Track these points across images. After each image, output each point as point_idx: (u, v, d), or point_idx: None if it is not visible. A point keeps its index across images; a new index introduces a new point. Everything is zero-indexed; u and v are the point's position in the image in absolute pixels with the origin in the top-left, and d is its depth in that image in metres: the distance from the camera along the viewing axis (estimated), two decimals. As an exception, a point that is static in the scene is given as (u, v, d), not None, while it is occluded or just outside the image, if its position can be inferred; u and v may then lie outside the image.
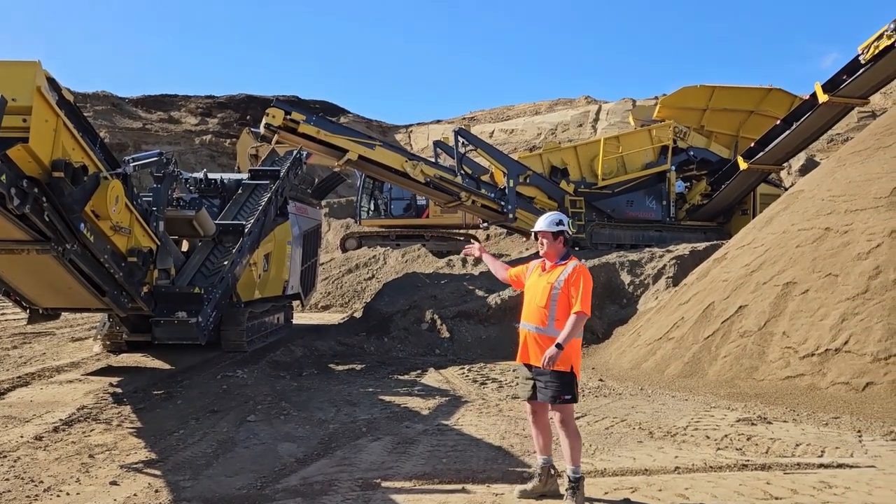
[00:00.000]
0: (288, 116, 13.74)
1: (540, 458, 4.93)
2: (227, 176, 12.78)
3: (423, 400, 8.23)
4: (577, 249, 15.80)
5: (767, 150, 16.12)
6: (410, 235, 23.35)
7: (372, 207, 23.99)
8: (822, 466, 5.53)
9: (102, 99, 40.13)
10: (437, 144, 18.49)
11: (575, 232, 13.95)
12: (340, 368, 10.50)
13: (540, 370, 4.76)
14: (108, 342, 10.95)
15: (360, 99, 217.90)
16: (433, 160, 16.71)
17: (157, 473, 5.50)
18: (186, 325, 8.70)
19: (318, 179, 17.84)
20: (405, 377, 9.84)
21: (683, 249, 14.48)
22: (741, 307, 9.41)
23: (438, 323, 12.65)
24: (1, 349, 11.39)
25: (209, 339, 9.53)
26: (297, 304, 14.91)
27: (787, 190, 15.75)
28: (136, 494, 5.03)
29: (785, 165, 20.04)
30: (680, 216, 18.41)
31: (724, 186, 17.64)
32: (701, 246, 14.64)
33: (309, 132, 13.90)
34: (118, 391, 8.47)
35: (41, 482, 5.24)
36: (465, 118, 45.90)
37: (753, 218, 14.53)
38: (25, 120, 5.71)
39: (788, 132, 15.64)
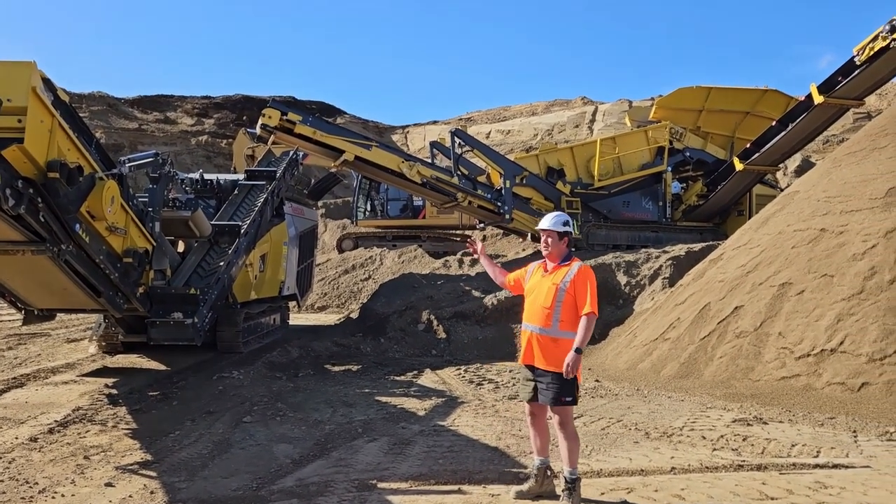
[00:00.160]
0: (284, 117, 13.72)
1: (537, 458, 4.93)
2: (223, 176, 12.76)
3: (419, 401, 8.22)
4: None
5: (763, 151, 16.15)
6: (407, 236, 23.34)
7: (368, 208, 23.96)
8: (817, 467, 5.54)
9: (98, 99, 40.06)
10: (433, 145, 18.48)
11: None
12: (337, 369, 10.49)
13: (542, 372, 4.74)
14: (103, 343, 10.92)
15: (356, 99, 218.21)
16: (430, 161, 16.69)
17: (152, 475, 5.49)
18: (182, 325, 8.68)
19: (314, 180, 17.84)
20: (401, 378, 9.83)
21: (679, 250, 14.50)
22: (737, 308, 9.42)
23: (435, 324, 12.65)
24: (-4, 350, 11.35)
25: (205, 340, 9.51)
26: (293, 304, 14.89)
27: (782, 191, 15.76)
28: (131, 496, 5.02)
29: (781, 166, 20.02)
30: (676, 217, 18.43)
31: (720, 187, 17.67)
32: (697, 247, 14.66)
33: (305, 133, 13.89)
34: (114, 392, 8.45)
35: (36, 483, 5.22)
36: (461, 119, 45.91)
37: (749, 219, 14.55)
38: (20, 120, 5.69)
39: (784, 133, 15.67)
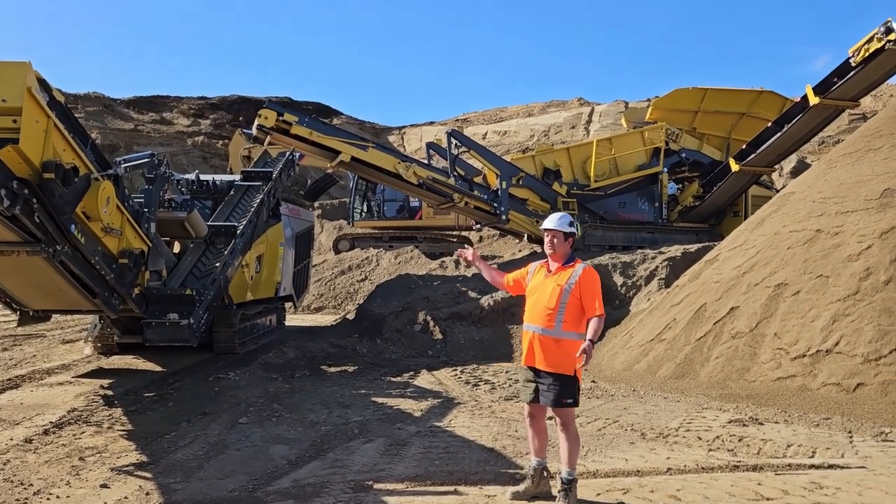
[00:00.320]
0: (280, 118, 13.71)
1: (534, 459, 4.93)
2: (219, 177, 12.73)
3: (415, 402, 8.22)
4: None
5: (759, 152, 16.20)
6: (403, 237, 23.35)
7: (365, 209, 23.99)
8: (813, 467, 5.55)
9: (94, 100, 39.98)
10: (429, 146, 18.50)
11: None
12: (333, 370, 10.48)
13: (543, 373, 4.73)
14: (99, 344, 10.89)
15: (352, 100, 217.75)
16: (426, 162, 16.71)
17: (147, 476, 5.47)
18: (178, 326, 8.65)
19: (310, 181, 17.81)
20: (398, 379, 9.83)
21: (675, 251, 14.52)
22: (733, 308, 9.43)
23: (431, 324, 12.65)
24: (-9, 351, 11.32)
25: (201, 341, 9.49)
26: (289, 305, 14.87)
27: (778, 192, 15.81)
28: (126, 497, 5.01)
29: (776, 167, 20.09)
30: (672, 218, 18.48)
31: (715, 188, 17.71)
32: (693, 247, 14.68)
33: (301, 133, 13.88)
34: (109, 393, 8.43)
35: (31, 485, 5.20)
36: (458, 120, 45.93)
37: (745, 219, 14.59)
38: (16, 121, 5.67)
39: (780, 134, 15.73)
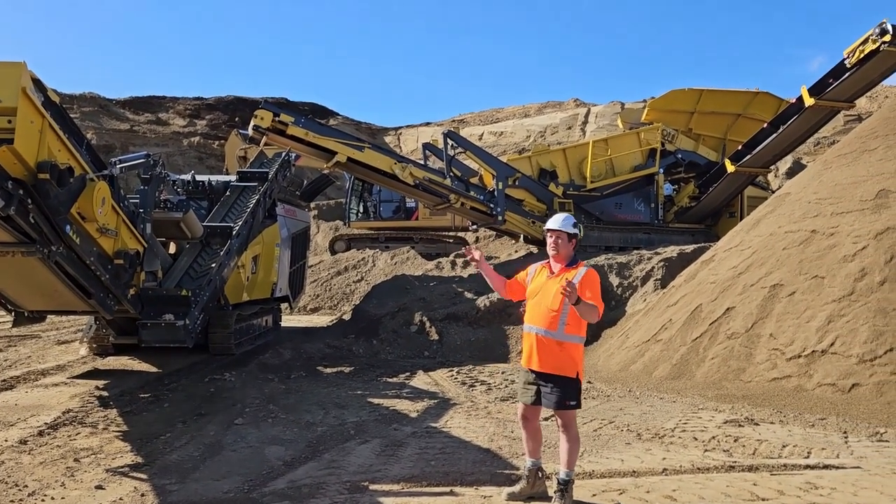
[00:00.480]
0: (276, 118, 13.70)
1: (529, 460, 4.93)
2: (215, 178, 12.72)
3: (411, 402, 8.22)
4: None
5: (755, 152, 16.23)
6: (399, 238, 23.34)
7: (361, 210, 23.96)
8: (808, 467, 5.56)
9: (89, 100, 39.88)
10: (426, 147, 18.49)
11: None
12: (329, 371, 10.47)
13: (545, 375, 4.70)
14: (94, 345, 10.87)
15: (349, 101, 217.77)
16: (422, 162, 16.70)
17: (143, 477, 5.46)
18: (173, 327, 8.64)
19: (306, 181, 17.79)
20: (394, 379, 9.83)
21: (671, 252, 14.54)
22: (728, 309, 9.45)
23: (427, 325, 12.65)
24: (-15, 352, 11.28)
25: (196, 341, 9.47)
26: (285, 306, 14.85)
27: (773, 192, 15.85)
28: (121, 499, 4.99)
29: (772, 168, 20.16)
30: (668, 218, 18.50)
31: (711, 189, 17.74)
32: (689, 248, 14.70)
33: (297, 134, 13.87)
34: (104, 394, 8.41)
35: (25, 486, 5.19)
36: (454, 120, 45.91)
37: (741, 220, 14.61)
38: (10, 121, 5.65)
39: (775, 135, 15.76)
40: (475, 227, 20.68)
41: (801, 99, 14.88)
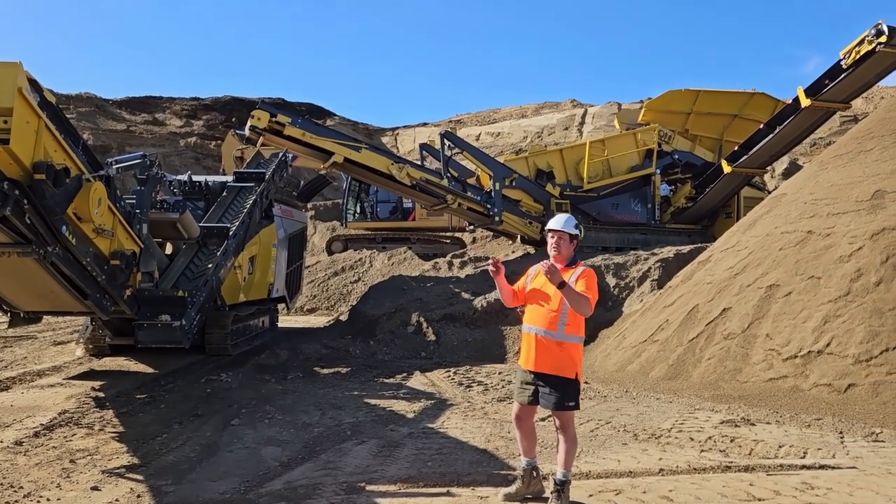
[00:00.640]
0: (273, 119, 13.68)
1: (524, 460, 4.94)
2: (211, 178, 12.70)
3: (408, 403, 8.22)
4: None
5: (751, 153, 16.24)
6: (396, 238, 23.33)
7: (358, 210, 23.95)
8: (804, 468, 5.57)
9: (86, 100, 39.79)
10: (423, 147, 18.49)
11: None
12: (326, 372, 10.47)
13: (544, 376, 4.70)
14: (90, 346, 10.85)
15: (346, 102, 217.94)
16: (419, 163, 16.70)
17: (139, 478, 5.45)
18: (170, 328, 8.63)
19: (303, 182, 17.79)
20: (391, 380, 9.82)
21: (668, 252, 14.56)
22: (725, 309, 9.46)
23: (424, 326, 12.64)
24: (-19, 353, 11.25)
25: (193, 342, 9.46)
26: (282, 307, 14.84)
27: (770, 193, 15.87)
28: (117, 500, 4.98)
29: (768, 169, 20.16)
30: (665, 219, 18.50)
31: (708, 190, 17.75)
32: (685, 249, 14.72)
33: (294, 134, 13.85)
34: (100, 395, 8.40)
35: (21, 488, 5.18)
36: (451, 121, 45.91)
37: (737, 221, 14.63)
38: (6, 122, 5.65)
39: (772, 136, 15.77)
40: (472, 227, 20.68)
41: (797, 100, 14.89)
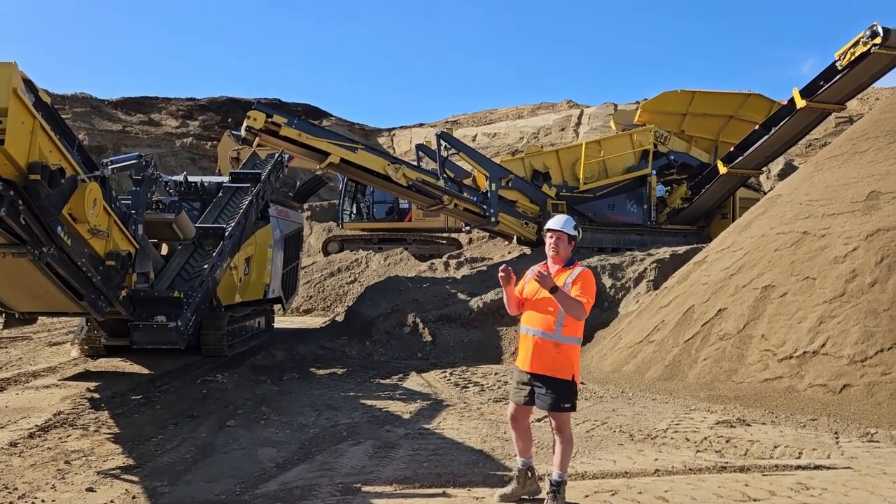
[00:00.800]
0: (269, 119, 13.67)
1: (519, 460, 4.93)
2: (207, 179, 12.68)
3: (404, 404, 8.21)
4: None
5: (747, 154, 16.27)
6: (393, 239, 23.33)
7: (354, 211, 23.95)
8: (799, 468, 5.59)
9: (81, 101, 39.69)
10: (419, 148, 18.48)
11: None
12: (322, 372, 10.46)
13: (541, 377, 4.69)
14: (85, 346, 10.83)
15: (342, 102, 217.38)
16: (415, 164, 16.70)
17: (134, 479, 5.44)
18: (165, 329, 8.61)
19: (299, 183, 17.77)
20: (387, 381, 9.82)
21: (664, 253, 14.58)
22: (721, 310, 9.48)
23: (420, 326, 12.64)
24: (-24, 354, 11.22)
25: (189, 343, 9.45)
26: (278, 307, 14.83)
27: (765, 194, 15.91)
28: (112, 501, 4.97)
29: (764, 170, 20.19)
30: (661, 220, 18.53)
31: (704, 190, 17.78)
32: (681, 249, 14.74)
33: (290, 135, 13.84)
34: (96, 396, 8.37)
35: (16, 489, 5.16)
36: (447, 122, 45.92)
37: (733, 222, 14.66)
38: (1, 122, 5.62)
39: (767, 137, 15.80)
40: (468, 228, 20.69)
41: (792, 101, 14.93)
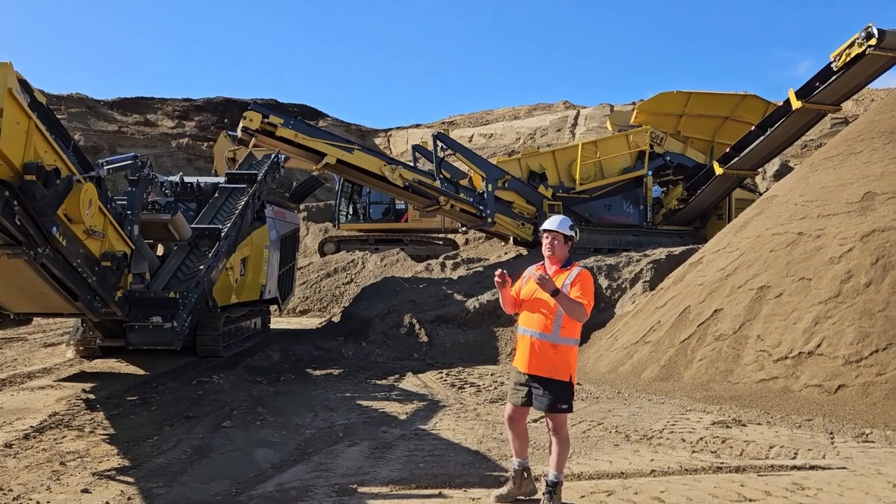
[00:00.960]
0: (266, 120, 13.66)
1: (515, 460, 4.94)
2: (203, 179, 12.64)
3: (400, 405, 8.21)
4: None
5: (742, 155, 16.31)
6: (389, 240, 23.32)
7: (350, 211, 23.93)
8: (794, 468, 5.60)
9: (77, 101, 39.60)
10: (415, 148, 18.47)
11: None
12: (318, 373, 10.45)
13: (539, 378, 4.70)
14: (81, 347, 10.79)
15: (338, 103, 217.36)
16: (412, 164, 16.69)
17: (129, 481, 5.43)
18: (161, 329, 8.59)
19: (296, 183, 17.78)
20: (383, 382, 9.81)
21: (660, 254, 14.60)
22: (716, 311, 9.50)
23: (417, 327, 12.64)
24: (-29, 355, 11.18)
25: (184, 344, 9.41)
26: (274, 308, 14.80)
27: (761, 195, 15.94)
28: (108, 502, 4.96)
29: (760, 170, 20.23)
30: (657, 220, 18.56)
31: (700, 191, 17.82)
32: (677, 250, 14.77)
33: (287, 136, 13.83)
34: (91, 397, 8.36)
35: (10, 490, 5.14)
36: (444, 122, 45.91)
37: (729, 222, 14.69)
38: (-4, 122, 5.61)
39: (763, 138, 15.84)
40: (464, 228, 20.69)
41: (788, 102, 14.96)
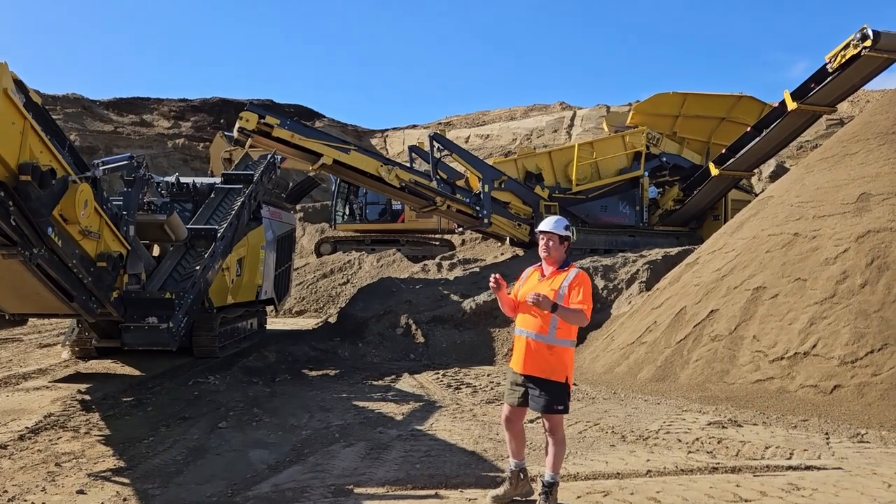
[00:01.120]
0: (262, 120, 13.65)
1: (512, 461, 4.94)
2: (199, 180, 12.63)
3: (397, 405, 8.21)
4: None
5: (738, 156, 16.35)
6: (385, 240, 23.30)
7: (347, 212, 23.91)
8: (790, 468, 5.61)
9: (72, 101, 39.50)
10: (412, 149, 18.48)
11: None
12: (314, 374, 10.44)
13: (535, 379, 4.69)
14: (76, 348, 10.77)
15: (335, 103, 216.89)
16: (408, 165, 16.70)
17: (125, 482, 5.42)
18: (157, 330, 8.58)
19: (292, 184, 17.75)
20: (379, 382, 9.81)
21: (656, 254, 14.63)
22: (712, 311, 9.51)
23: (413, 328, 12.64)
24: (-34, 356, 11.14)
25: (180, 344, 9.41)
26: (270, 309, 14.79)
27: (757, 196, 15.97)
28: (103, 503, 4.95)
29: (755, 171, 20.26)
30: (653, 221, 18.58)
31: (696, 192, 17.85)
32: (673, 251, 14.79)
33: (283, 136, 13.82)
34: (87, 398, 8.33)
35: (5, 492, 5.13)
36: (440, 123, 45.91)
37: (725, 223, 14.71)
38: (-9, 122, 5.61)
39: (758, 139, 15.88)
40: (461, 229, 20.69)
41: (783, 103, 15.00)
